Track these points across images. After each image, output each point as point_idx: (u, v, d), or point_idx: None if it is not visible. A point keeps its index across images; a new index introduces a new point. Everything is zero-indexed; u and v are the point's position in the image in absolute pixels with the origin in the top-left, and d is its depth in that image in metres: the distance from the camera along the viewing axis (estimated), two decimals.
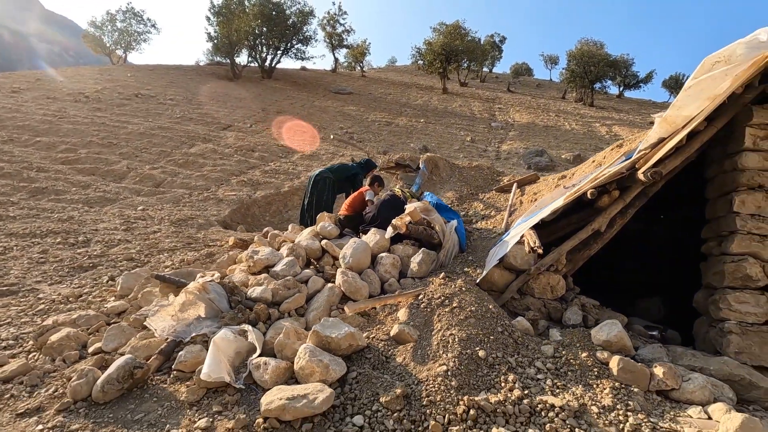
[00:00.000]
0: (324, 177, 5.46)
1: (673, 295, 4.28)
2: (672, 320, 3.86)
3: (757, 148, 3.01)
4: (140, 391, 2.24)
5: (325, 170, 5.81)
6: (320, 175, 5.68)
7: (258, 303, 2.84)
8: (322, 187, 5.47)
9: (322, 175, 5.54)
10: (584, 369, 2.44)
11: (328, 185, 5.29)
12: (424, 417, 1.99)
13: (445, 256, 3.50)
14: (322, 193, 5.36)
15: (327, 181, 5.40)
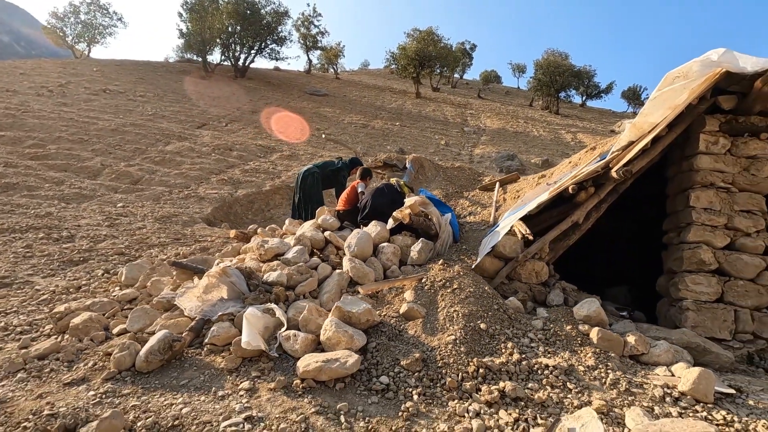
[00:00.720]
0: (311, 172, 5.74)
1: (638, 283, 4.79)
2: (637, 305, 4.35)
3: (709, 152, 3.52)
4: (179, 362, 2.44)
5: (312, 166, 6.09)
6: (308, 171, 5.96)
7: (275, 286, 3.07)
8: (310, 182, 5.73)
9: (310, 171, 5.83)
10: (569, 338, 2.83)
11: (315, 180, 5.57)
12: (440, 375, 2.30)
13: (441, 245, 3.84)
14: (312, 187, 5.62)
15: (314, 175, 5.68)
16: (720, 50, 3.20)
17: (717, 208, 3.46)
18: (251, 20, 25.09)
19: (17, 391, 2.23)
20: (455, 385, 2.24)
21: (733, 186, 3.48)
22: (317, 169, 5.73)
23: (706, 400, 2.29)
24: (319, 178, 5.62)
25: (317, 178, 5.60)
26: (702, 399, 2.29)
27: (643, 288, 4.59)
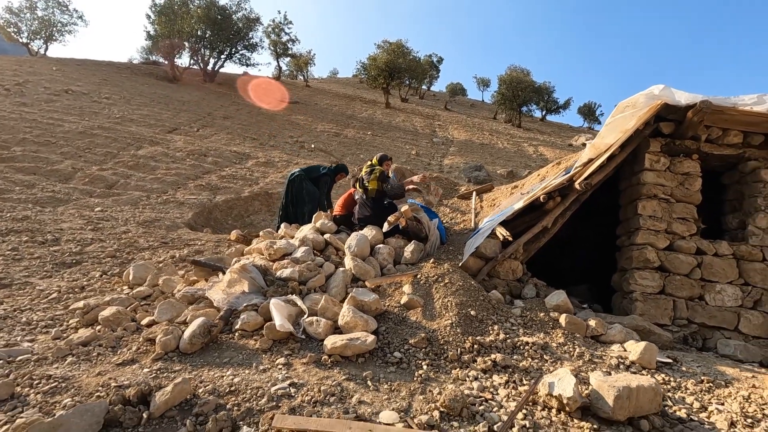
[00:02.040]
0: (297, 176, 6.11)
1: (596, 282, 5.48)
2: (595, 301, 5.01)
3: (653, 169, 4.23)
4: (216, 345, 2.78)
5: (298, 171, 6.46)
6: (293, 175, 6.34)
7: (290, 281, 3.45)
8: (298, 185, 6.09)
9: (296, 175, 6.19)
10: (543, 323, 3.39)
11: (302, 183, 5.93)
12: (443, 350, 2.79)
13: (431, 246, 4.35)
14: (300, 190, 5.98)
15: (300, 179, 6.04)
16: (660, 86, 3.91)
17: (659, 215, 4.16)
18: (222, 25, 25.03)
19: (74, 371, 2.51)
20: (456, 357, 2.73)
21: (672, 197, 4.20)
22: (303, 173, 6.10)
23: (650, 367, 2.89)
24: (305, 182, 5.96)
25: (303, 181, 5.95)
26: (647, 366, 2.89)
27: (600, 286, 5.28)
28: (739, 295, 3.98)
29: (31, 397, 2.25)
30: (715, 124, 4.12)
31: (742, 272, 4.02)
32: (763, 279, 3.97)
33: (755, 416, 2.38)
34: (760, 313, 3.93)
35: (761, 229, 4.06)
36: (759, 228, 4.06)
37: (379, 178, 4.54)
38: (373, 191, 4.53)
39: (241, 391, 2.24)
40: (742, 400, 2.54)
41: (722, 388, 2.71)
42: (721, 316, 3.94)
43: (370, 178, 4.56)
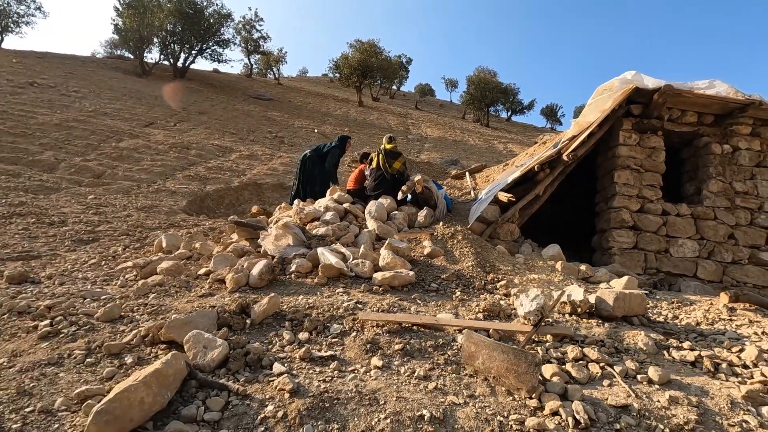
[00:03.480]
0: (309, 157, 6.55)
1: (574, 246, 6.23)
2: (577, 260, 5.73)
3: (625, 144, 4.98)
4: (278, 283, 3.23)
5: (309, 151, 6.88)
6: (305, 156, 6.76)
7: (326, 237, 3.93)
8: (309, 165, 6.53)
9: (308, 156, 6.63)
10: (543, 268, 4.03)
11: (313, 162, 6.36)
12: (470, 282, 3.36)
13: (440, 213, 4.92)
14: (312, 170, 6.41)
15: (312, 159, 6.48)
16: (632, 72, 4.65)
17: (632, 183, 4.90)
18: (194, 20, 24.73)
19: (163, 301, 2.90)
20: (481, 286, 3.31)
21: (641, 168, 4.95)
22: (313, 153, 6.53)
23: None
24: (317, 160, 6.39)
25: (315, 160, 6.38)
26: None
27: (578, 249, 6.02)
28: (697, 247, 4.78)
29: (138, 317, 2.63)
30: (675, 106, 4.91)
31: (699, 229, 4.83)
32: (715, 234, 4.79)
33: (714, 319, 3.09)
34: (713, 261, 4.74)
35: (713, 193, 4.88)
36: (711, 192, 4.88)
37: (404, 162, 5.12)
38: (394, 170, 5.06)
39: (318, 306, 2.72)
40: (704, 311, 3.25)
41: (688, 306, 3.43)
42: (683, 265, 4.72)
43: (397, 159, 5.10)
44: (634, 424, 1.76)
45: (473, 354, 1.96)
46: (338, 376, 1.97)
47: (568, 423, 1.71)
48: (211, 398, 1.76)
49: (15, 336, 2.45)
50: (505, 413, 1.75)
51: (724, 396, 1.98)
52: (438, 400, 1.80)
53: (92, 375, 1.99)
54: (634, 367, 2.17)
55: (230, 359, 2.06)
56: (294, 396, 1.78)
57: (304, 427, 1.64)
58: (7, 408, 1.69)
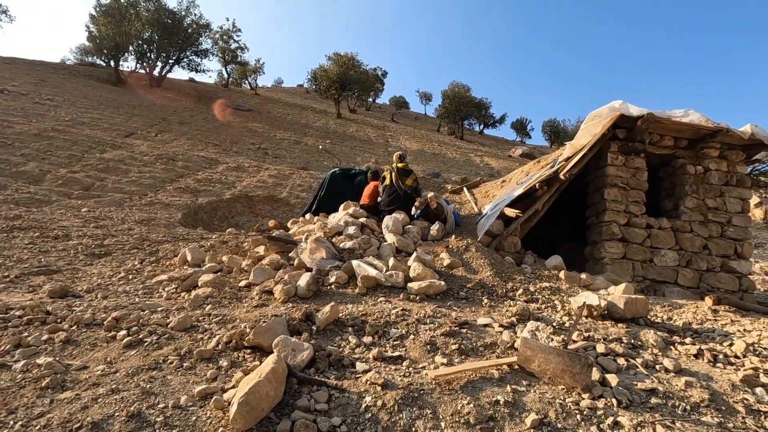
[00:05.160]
0: (338, 174, 7.07)
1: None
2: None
3: (613, 164, 5.55)
4: (322, 293, 3.51)
5: (338, 170, 7.39)
6: (334, 173, 7.25)
7: (355, 250, 4.24)
8: (338, 181, 7.02)
9: (336, 173, 7.14)
10: (548, 276, 4.48)
11: (341, 179, 6.87)
12: (493, 290, 3.76)
13: (450, 226, 5.32)
14: (343, 185, 6.91)
15: (340, 176, 7.00)
16: (619, 101, 5.24)
17: (619, 199, 5.47)
18: (173, 30, 24.53)
19: (224, 312, 3.12)
20: (503, 294, 3.72)
21: (627, 186, 5.53)
22: (342, 172, 7.04)
23: None
24: (344, 179, 6.92)
25: (342, 178, 6.88)
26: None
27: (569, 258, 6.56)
28: (677, 257, 5.37)
29: (208, 326, 2.86)
30: (655, 131, 5.53)
31: (678, 240, 5.43)
32: (692, 245, 5.40)
33: (702, 319, 3.60)
34: (691, 269, 5.34)
35: (689, 208, 5.51)
36: (687, 208, 5.51)
37: (416, 179, 5.52)
38: (407, 186, 5.43)
39: (370, 314, 3.03)
40: (693, 313, 3.76)
41: (678, 308, 3.94)
42: (665, 273, 5.30)
43: (409, 177, 5.49)
44: (662, 403, 2.17)
45: (529, 357, 2.33)
46: (414, 372, 2.30)
47: (613, 403, 2.10)
48: (317, 392, 2.05)
49: (96, 346, 2.64)
50: (562, 397, 2.12)
51: (726, 380, 2.43)
52: (505, 389, 2.16)
53: (196, 377, 2.23)
54: (651, 359, 2.60)
55: (317, 360, 2.34)
56: (386, 388, 2.09)
57: (403, 413, 1.95)
58: (142, 405, 1.92)
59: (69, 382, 2.15)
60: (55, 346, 2.62)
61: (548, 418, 1.97)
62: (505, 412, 1.98)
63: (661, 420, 1.99)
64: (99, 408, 1.90)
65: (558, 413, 2.00)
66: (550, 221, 7.03)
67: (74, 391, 2.06)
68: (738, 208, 5.55)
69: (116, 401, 1.95)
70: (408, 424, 1.90)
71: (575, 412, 2.01)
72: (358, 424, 1.89)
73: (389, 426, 1.88)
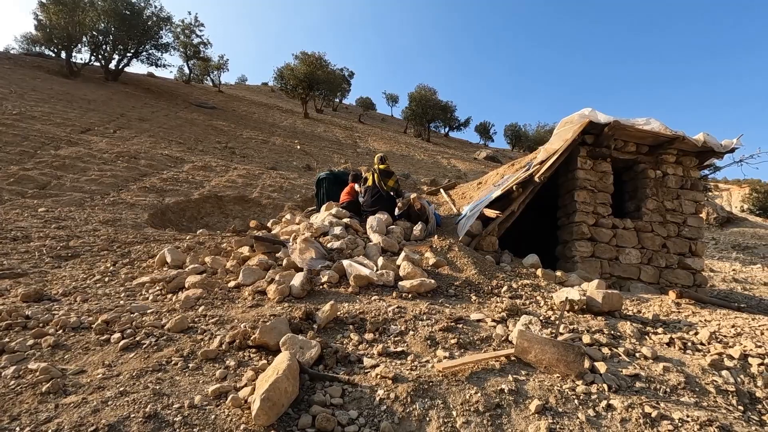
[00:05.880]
0: (326, 177, 7.09)
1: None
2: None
3: (582, 168, 5.89)
4: (315, 293, 3.54)
5: (324, 173, 7.37)
6: (321, 177, 7.25)
7: (343, 250, 4.28)
8: (327, 184, 7.04)
9: (323, 176, 7.16)
10: (527, 275, 4.71)
11: (331, 181, 6.90)
12: (479, 287, 3.92)
13: (432, 227, 5.46)
14: (331, 187, 6.92)
15: (330, 179, 7.02)
16: (589, 109, 5.57)
17: (588, 201, 5.81)
18: (131, 23, 23.45)
19: (219, 313, 3.09)
20: (489, 291, 3.89)
21: (595, 188, 5.88)
22: (330, 174, 7.04)
23: None
24: (334, 180, 6.94)
25: (333, 180, 6.92)
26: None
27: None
28: (639, 255, 5.77)
29: (206, 327, 2.83)
30: (620, 137, 5.92)
31: (640, 240, 5.83)
32: (653, 244, 5.83)
33: (668, 312, 3.91)
34: (651, 266, 5.75)
35: (649, 210, 5.93)
36: (648, 209, 5.93)
37: (397, 180, 5.61)
38: (389, 187, 5.52)
39: (367, 312, 3.10)
40: (659, 306, 4.08)
41: (645, 302, 4.26)
42: (629, 270, 5.68)
43: (391, 178, 5.58)
44: (646, 386, 2.38)
45: (526, 348, 2.48)
46: (420, 365, 2.39)
47: (604, 388, 2.28)
48: (330, 387, 2.10)
49: (89, 349, 2.56)
50: (558, 385, 2.28)
51: (696, 365, 2.68)
52: (507, 378, 2.29)
53: (204, 377, 2.22)
54: (631, 348, 2.83)
55: (325, 357, 2.39)
56: (396, 382, 2.17)
57: (416, 403, 2.04)
58: (157, 406, 1.90)
59: (71, 387, 2.09)
60: (43, 351, 2.51)
61: (549, 403, 2.12)
62: (510, 400, 2.11)
63: (647, 401, 2.19)
64: (111, 410, 1.86)
65: (558, 399, 2.15)
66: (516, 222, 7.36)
67: (78, 395, 2.00)
68: (692, 209, 6.04)
69: (128, 403, 1.91)
70: (422, 414, 1.99)
71: (573, 397, 2.17)
72: (374, 416, 1.96)
73: (405, 416, 1.96)
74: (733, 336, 3.20)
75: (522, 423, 1.97)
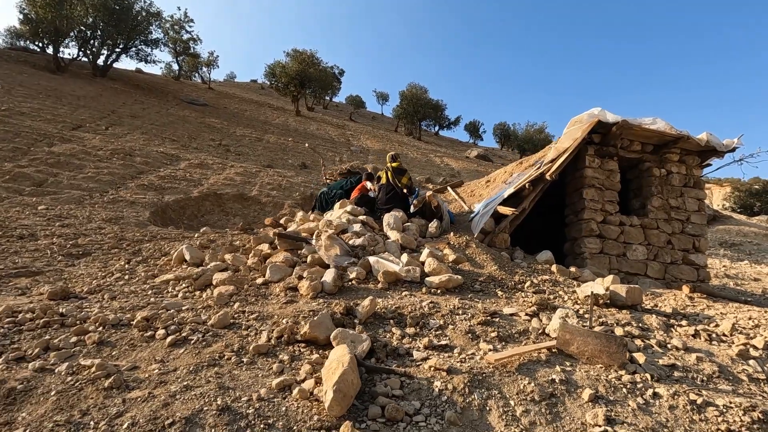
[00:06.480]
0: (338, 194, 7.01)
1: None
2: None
3: (590, 166, 6.02)
4: (345, 289, 3.57)
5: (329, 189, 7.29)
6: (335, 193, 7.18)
7: (366, 247, 4.33)
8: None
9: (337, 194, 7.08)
10: (542, 270, 4.82)
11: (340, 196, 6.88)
12: (503, 283, 4.01)
13: (446, 224, 5.53)
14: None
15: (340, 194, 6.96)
16: (598, 108, 5.70)
17: (596, 199, 5.95)
18: (121, 17, 23.02)
19: (258, 309, 3.10)
20: (512, 286, 3.98)
21: (603, 186, 6.03)
22: (341, 190, 7.01)
23: None
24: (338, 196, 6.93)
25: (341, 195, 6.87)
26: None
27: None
28: (645, 251, 5.93)
29: (247, 322, 2.84)
30: (626, 137, 6.07)
31: (646, 236, 5.99)
32: (658, 240, 5.99)
33: (683, 305, 4.05)
34: (657, 262, 5.92)
35: (655, 207, 6.10)
36: (653, 207, 6.10)
37: (410, 177, 5.67)
38: (403, 185, 5.58)
39: (403, 307, 3.15)
40: (674, 300, 4.22)
41: (659, 297, 4.40)
42: (636, 266, 5.84)
43: (404, 175, 5.64)
44: (684, 375, 2.48)
45: (568, 341, 2.56)
46: (469, 357, 2.46)
47: (647, 378, 2.38)
48: (389, 379, 2.15)
49: (136, 346, 2.56)
50: (604, 375, 2.37)
51: (725, 355, 2.80)
52: (555, 369, 2.37)
53: (261, 371, 2.25)
54: (662, 339, 2.94)
55: (375, 350, 2.43)
56: (451, 373, 2.23)
57: (474, 393, 2.11)
58: (227, 399, 1.93)
59: (131, 382, 2.09)
60: (89, 348, 2.51)
61: (599, 392, 2.20)
62: (563, 389, 2.19)
63: (690, 389, 2.29)
64: (182, 404, 1.88)
65: (607, 388, 2.24)
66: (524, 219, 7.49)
67: (142, 390, 2.02)
68: (695, 207, 6.23)
69: (196, 397, 1.93)
70: (481, 404, 2.05)
71: (620, 386, 2.26)
72: (436, 406, 2.01)
73: (465, 406, 2.02)
74: (752, 328, 3.34)
75: (578, 411, 2.05)
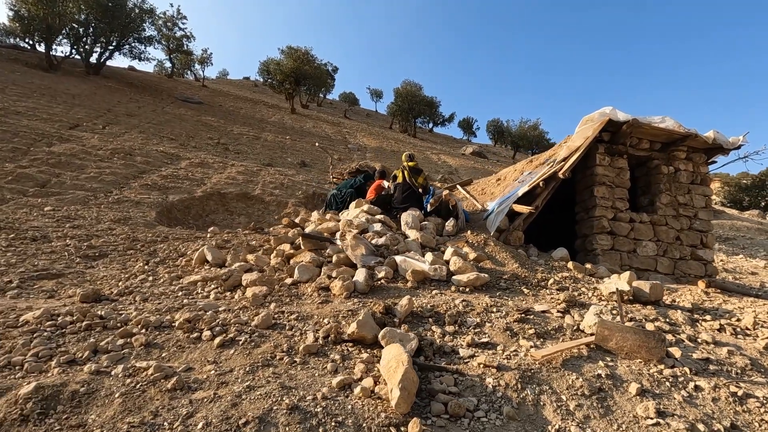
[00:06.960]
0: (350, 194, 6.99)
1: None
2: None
3: (601, 164, 6.13)
4: (375, 288, 3.63)
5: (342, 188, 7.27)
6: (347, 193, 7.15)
7: (389, 246, 4.38)
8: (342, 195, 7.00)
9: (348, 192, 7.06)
10: (560, 267, 4.91)
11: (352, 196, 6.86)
12: (527, 280, 4.09)
13: (462, 223, 5.60)
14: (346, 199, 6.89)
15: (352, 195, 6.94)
16: (609, 107, 5.80)
17: (607, 196, 6.06)
18: (114, 14, 22.73)
19: (296, 309, 3.14)
20: (536, 283, 4.06)
21: (613, 184, 6.14)
22: (350, 189, 6.99)
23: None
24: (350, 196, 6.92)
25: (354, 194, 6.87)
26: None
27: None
28: (655, 248, 6.06)
29: (288, 323, 2.89)
30: (635, 135, 6.18)
31: (656, 233, 6.12)
32: (667, 236, 6.12)
33: (701, 300, 4.17)
34: (667, 258, 6.05)
35: (663, 204, 6.23)
36: (662, 204, 6.23)
37: (425, 177, 5.73)
38: (419, 184, 5.65)
39: (438, 305, 3.21)
40: (690, 295, 4.33)
41: (675, 292, 4.51)
42: (647, 262, 5.96)
43: (420, 175, 5.70)
44: (719, 369, 2.58)
45: (607, 336, 2.64)
46: (513, 354, 2.53)
47: (686, 371, 2.47)
48: (443, 376, 2.22)
49: (184, 347, 2.59)
50: (645, 369, 2.46)
51: (752, 348, 2.91)
52: (598, 364, 2.45)
53: (316, 370, 2.30)
54: (692, 334, 3.03)
55: (423, 348, 2.49)
56: (501, 370, 2.30)
57: (527, 389, 2.18)
58: (293, 399, 1.98)
59: (192, 383, 2.13)
60: (138, 350, 2.53)
61: (644, 386, 2.28)
62: (609, 384, 2.27)
63: (729, 382, 2.39)
64: (250, 404, 1.92)
65: (651, 382, 2.32)
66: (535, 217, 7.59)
67: (206, 390, 2.05)
68: (702, 203, 6.37)
69: (261, 397, 1.98)
70: (535, 399, 2.12)
71: (663, 380, 2.34)
72: (492, 402, 2.08)
73: (521, 401, 2.09)
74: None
75: (627, 405, 2.13)
